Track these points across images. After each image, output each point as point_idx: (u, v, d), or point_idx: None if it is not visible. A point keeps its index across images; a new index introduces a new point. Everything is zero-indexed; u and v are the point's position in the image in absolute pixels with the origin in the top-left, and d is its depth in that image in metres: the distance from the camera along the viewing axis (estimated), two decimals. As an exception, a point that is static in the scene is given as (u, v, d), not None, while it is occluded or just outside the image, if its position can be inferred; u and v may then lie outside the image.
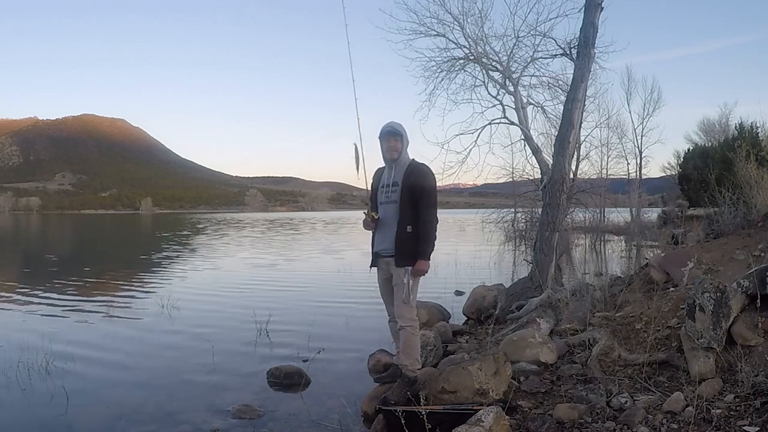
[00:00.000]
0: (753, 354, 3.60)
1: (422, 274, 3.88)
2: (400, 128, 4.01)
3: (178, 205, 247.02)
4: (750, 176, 6.29)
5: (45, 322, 7.38)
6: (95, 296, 9.76)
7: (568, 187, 7.17)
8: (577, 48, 6.97)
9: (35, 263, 16.87)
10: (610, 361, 4.12)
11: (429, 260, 3.89)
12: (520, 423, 3.35)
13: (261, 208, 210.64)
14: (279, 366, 5.00)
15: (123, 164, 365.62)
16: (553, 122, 9.40)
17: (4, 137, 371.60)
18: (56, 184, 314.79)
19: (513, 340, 4.57)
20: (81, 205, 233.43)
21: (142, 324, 7.33)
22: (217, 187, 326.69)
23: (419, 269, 3.84)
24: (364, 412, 3.99)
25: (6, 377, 4.92)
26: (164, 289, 10.15)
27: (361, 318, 7.40)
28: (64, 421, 4.00)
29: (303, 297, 9.45)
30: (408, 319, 3.89)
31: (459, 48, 8.45)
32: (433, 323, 6.23)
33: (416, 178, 3.89)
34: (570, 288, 6.55)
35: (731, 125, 31.26)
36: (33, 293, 9.87)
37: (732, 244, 5.38)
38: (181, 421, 3.98)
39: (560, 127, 7.04)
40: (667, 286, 5.19)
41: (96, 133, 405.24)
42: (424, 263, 3.85)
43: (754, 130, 22.45)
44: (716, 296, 3.66)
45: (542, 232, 7.05)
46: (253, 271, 13.60)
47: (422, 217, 3.84)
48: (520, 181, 20.52)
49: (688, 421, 3.05)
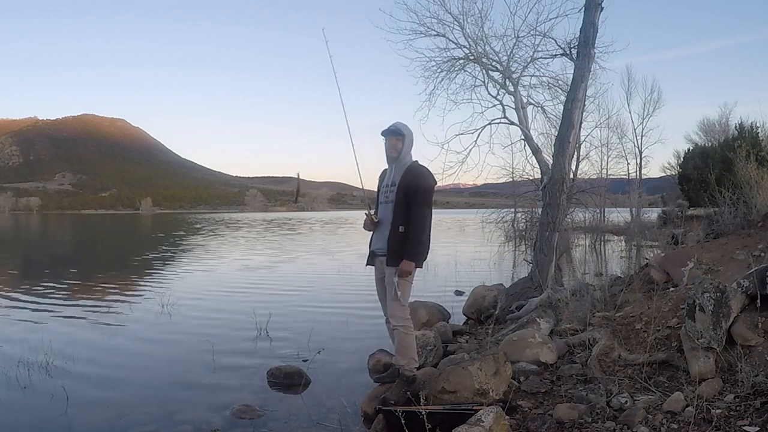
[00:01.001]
0: (753, 354, 3.59)
1: (407, 274, 3.83)
2: (404, 129, 4.03)
3: (178, 205, 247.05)
4: (750, 176, 6.29)
5: (45, 321, 7.38)
6: (95, 296, 9.76)
7: (568, 187, 7.17)
8: (577, 48, 6.97)
9: (35, 263, 16.87)
10: (610, 361, 4.12)
11: (415, 261, 3.82)
12: (520, 423, 3.35)
13: (261, 208, 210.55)
14: (279, 366, 5.00)
15: (123, 164, 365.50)
16: (553, 122, 9.40)
17: (4, 137, 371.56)
18: (56, 184, 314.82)
19: (513, 340, 4.57)
20: (81, 205, 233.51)
21: (142, 324, 7.32)
22: (217, 187, 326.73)
23: (403, 269, 3.80)
24: (364, 412, 3.99)
25: (6, 377, 4.92)
26: (164, 289, 10.15)
27: (361, 318, 7.40)
28: (64, 421, 4.00)
29: (303, 297, 9.44)
30: (400, 319, 3.88)
31: (459, 48, 8.46)
32: (433, 323, 6.23)
33: (412, 178, 3.90)
34: (570, 288, 6.55)
35: (731, 125, 31.29)
36: (33, 293, 9.87)
37: (732, 244, 5.38)
38: (181, 421, 3.98)
39: (560, 127, 7.04)
40: (667, 286, 5.19)
41: (96, 133, 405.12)
42: (408, 263, 3.79)
43: (754, 130, 22.45)
44: (716, 296, 3.66)
45: (542, 232, 7.05)
46: (253, 271, 13.59)
47: (413, 218, 3.82)
48: (520, 181, 20.55)
49: (688, 421, 3.05)
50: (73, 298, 9.40)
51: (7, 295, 9.63)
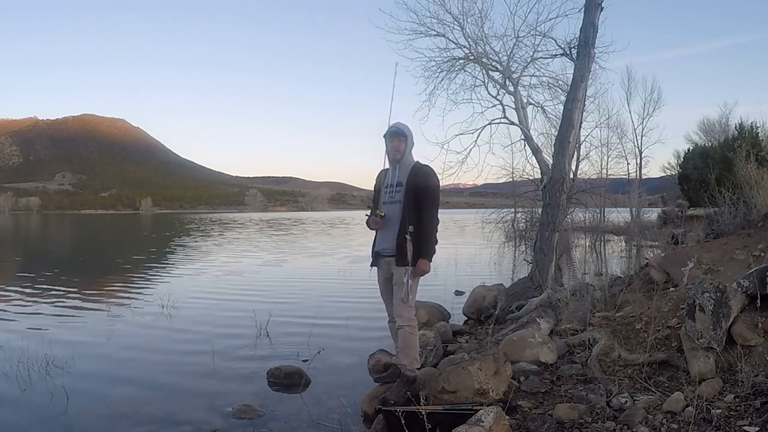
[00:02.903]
0: (753, 354, 3.59)
1: (423, 273, 3.90)
2: (406, 129, 4.05)
3: (178, 205, 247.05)
4: (750, 176, 6.29)
5: (45, 322, 7.38)
6: (95, 296, 9.76)
7: (568, 187, 7.17)
8: (577, 48, 6.97)
9: (34, 263, 16.85)
10: (610, 361, 4.12)
11: (430, 260, 3.90)
12: (520, 423, 3.35)
13: (261, 208, 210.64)
14: (279, 366, 5.00)
15: (123, 164, 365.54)
16: (553, 122, 9.40)
17: (4, 137, 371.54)
18: (56, 184, 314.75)
19: (513, 340, 4.57)
20: (81, 205, 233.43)
21: (142, 324, 7.32)
22: (217, 187, 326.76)
23: (421, 269, 3.86)
24: (364, 412, 3.98)
25: (6, 377, 4.91)
26: (164, 289, 10.14)
27: (361, 318, 7.40)
28: (64, 421, 4.00)
29: (303, 297, 9.44)
30: (406, 319, 3.90)
31: (459, 48, 8.45)
32: (433, 323, 6.23)
33: (421, 178, 3.93)
34: (570, 288, 6.55)
35: (731, 125, 31.29)
36: (32, 293, 9.86)
37: (732, 244, 5.38)
38: (181, 421, 3.98)
39: (560, 127, 7.04)
40: (667, 286, 5.19)
41: (96, 133, 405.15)
42: (425, 263, 3.86)
43: (754, 130, 22.44)
44: (716, 296, 3.66)
45: (542, 232, 7.05)
46: (253, 271, 13.59)
47: (424, 218, 3.87)
48: (520, 181, 20.56)
49: (688, 421, 3.05)
50: (74, 298, 9.39)
51: (7, 296, 9.63)
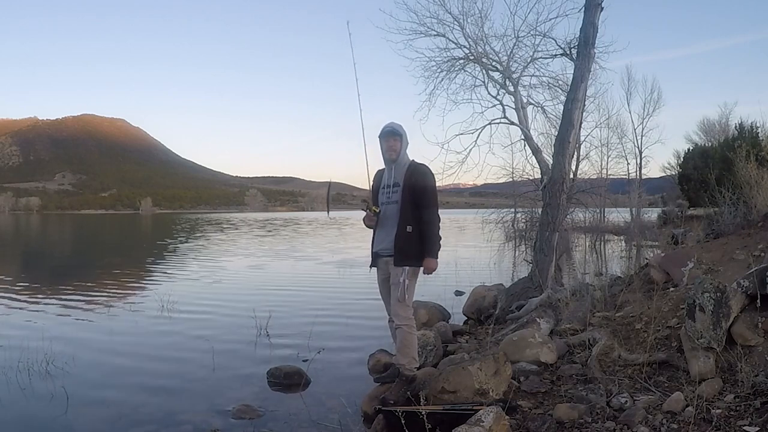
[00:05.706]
0: (753, 354, 3.59)
1: (431, 271, 3.93)
2: (400, 129, 4.05)
3: (178, 205, 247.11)
4: (750, 176, 6.28)
5: (45, 322, 7.37)
6: (95, 296, 9.75)
7: (568, 187, 7.17)
8: (577, 48, 6.97)
9: (34, 263, 16.86)
10: (610, 361, 4.12)
11: (437, 258, 3.92)
12: (520, 423, 3.35)
13: (261, 208, 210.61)
14: (279, 366, 5.00)
15: (123, 164, 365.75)
16: (553, 122, 9.42)
17: (4, 137, 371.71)
18: (56, 184, 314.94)
19: (513, 340, 4.57)
20: (81, 205, 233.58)
21: (142, 324, 7.32)
22: (217, 187, 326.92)
23: (428, 267, 3.90)
24: (364, 412, 3.99)
25: (6, 377, 4.91)
26: (164, 289, 10.14)
27: (361, 318, 7.40)
28: (64, 421, 4.00)
29: (303, 297, 9.45)
30: (404, 318, 3.91)
31: (459, 48, 8.46)
32: (433, 323, 6.23)
33: (417, 178, 3.93)
34: (570, 288, 6.54)
35: (731, 125, 31.26)
36: (32, 293, 9.87)
37: (732, 244, 5.38)
38: (181, 421, 3.98)
39: (560, 127, 7.04)
40: (667, 286, 5.19)
41: (96, 133, 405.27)
42: (432, 261, 3.89)
43: (754, 130, 22.43)
44: (716, 296, 3.65)
45: (542, 232, 7.05)
46: (252, 271, 13.59)
47: (424, 217, 3.89)
48: (520, 181, 20.58)
49: (688, 421, 3.05)
50: (73, 298, 9.38)
51: (6, 296, 9.62)
